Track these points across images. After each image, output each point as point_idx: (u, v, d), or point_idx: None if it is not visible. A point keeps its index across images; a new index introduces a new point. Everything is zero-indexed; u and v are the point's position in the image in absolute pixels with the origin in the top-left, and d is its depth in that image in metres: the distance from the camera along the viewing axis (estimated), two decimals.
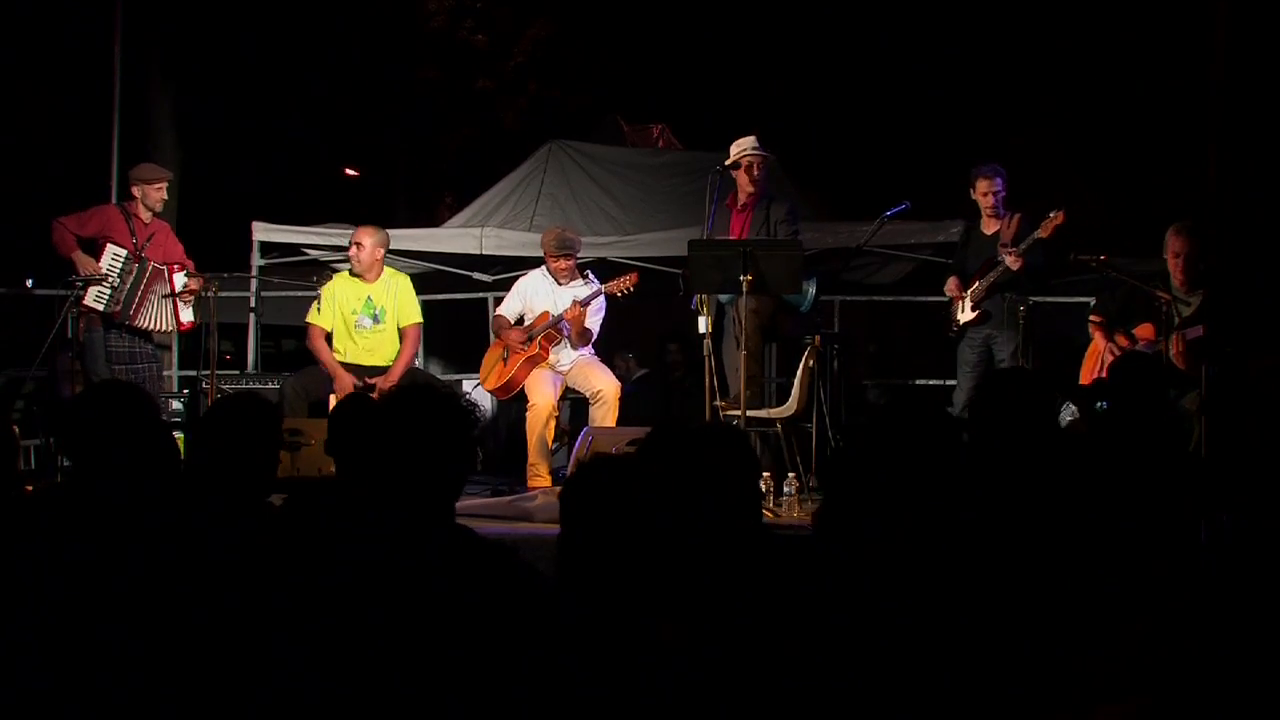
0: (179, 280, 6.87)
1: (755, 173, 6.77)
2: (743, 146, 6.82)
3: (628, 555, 2.22)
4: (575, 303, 6.79)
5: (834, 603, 2.26)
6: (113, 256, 6.76)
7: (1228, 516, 2.61)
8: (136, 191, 6.96)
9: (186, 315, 6.94)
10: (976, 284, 6.72)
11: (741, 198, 6.85)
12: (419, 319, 7.14)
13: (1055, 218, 6.41)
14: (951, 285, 6.84)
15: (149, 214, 6.97)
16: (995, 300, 6.67)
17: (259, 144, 16.12)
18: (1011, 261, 6.48)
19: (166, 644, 2.41)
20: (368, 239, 7.05)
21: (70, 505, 2.76)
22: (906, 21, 14.38)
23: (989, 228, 6.82)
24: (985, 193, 6.78)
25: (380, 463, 2.54)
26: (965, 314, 6.77)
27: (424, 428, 2.53)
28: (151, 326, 6.90)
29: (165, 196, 7.07)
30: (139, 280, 6.78)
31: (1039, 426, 2.76)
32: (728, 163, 6.83)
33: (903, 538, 2.32)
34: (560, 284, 7.03)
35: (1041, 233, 6.44)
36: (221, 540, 2.68)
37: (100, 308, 6.74)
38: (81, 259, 6.72)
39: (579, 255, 7.20)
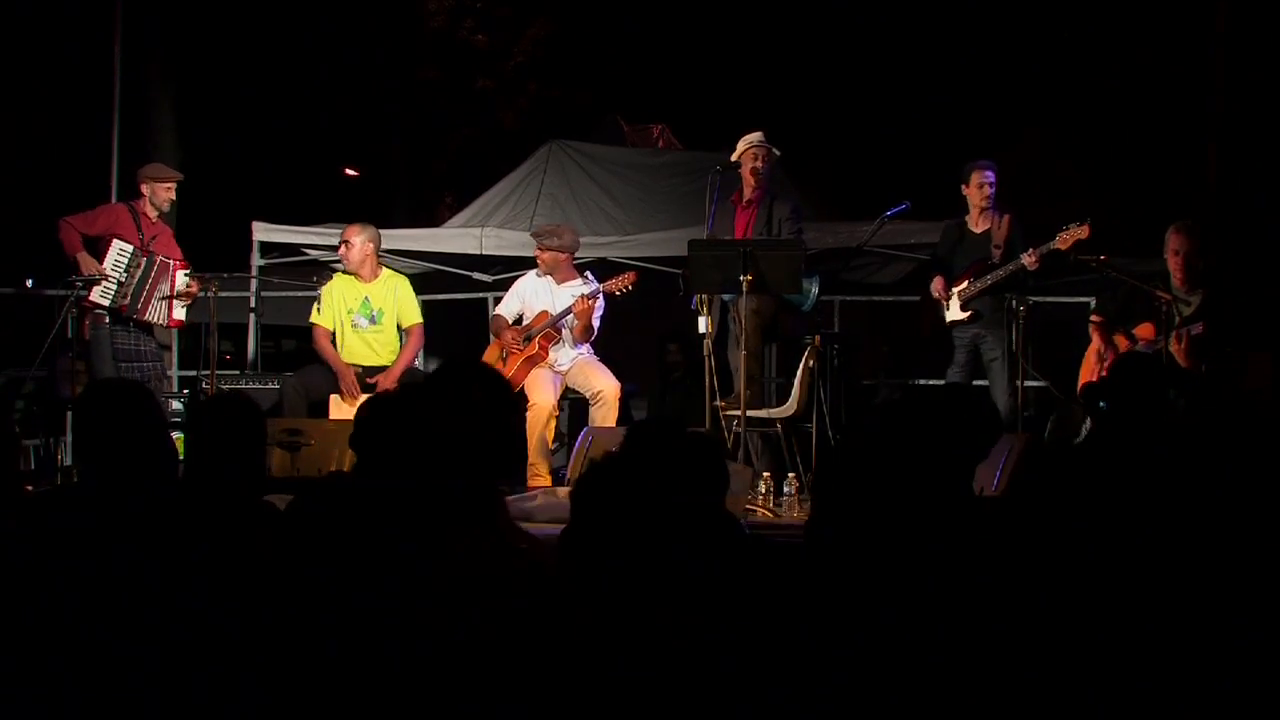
0: (180, 279, 6.89)
1: (759, 164, 6.76)
2: (750, 141, 6.82)
3: (635, 551, 2.22)
4: (583, 296, 6.79)
5: (827, 606, 2.26)
6: (119, 252, 6.76)
7: (1225, 516, 2.61)
8: (145, 189, 6.97)
9: (179, 313, 6.95)
10: (966, 283, 6.70)
11: (747, 193, 6.85)
12: (420, 319, 7.15)
13: (1078, 231, 6.31)
14: (938, 284, 6.80)
15: (155, 213, 6.97)
16: (984, 300, 6.66)
17: (259, 144, 16.11)
18: (1030, 262, 6.45)
19: (167, 645, 2.41)
20: (356, 236, 7.06)
21: (75, 506, 2.76)
22: (906, 21, 14.37)
23: (979, 226, 6.80)
24: (980, 184, 6.75)
25: (417, 451, 2.48)
26: (954, 313, 6.75)
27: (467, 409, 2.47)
28: (153, 320, 6.91)
29: (173, 197, 7.07)
30: (146, 274, 6.79)
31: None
32: (733, 158, 6.83)
33: (897, 541, 2.32)
34: (559, 284, 7.03)
35: (1059, 245, 6.37)
36: (220, 539, 2.68)
37: (106, 303, 6.73)
38: (85, 260, 6.72)
39: (576, 256, 7.20)
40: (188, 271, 6.96)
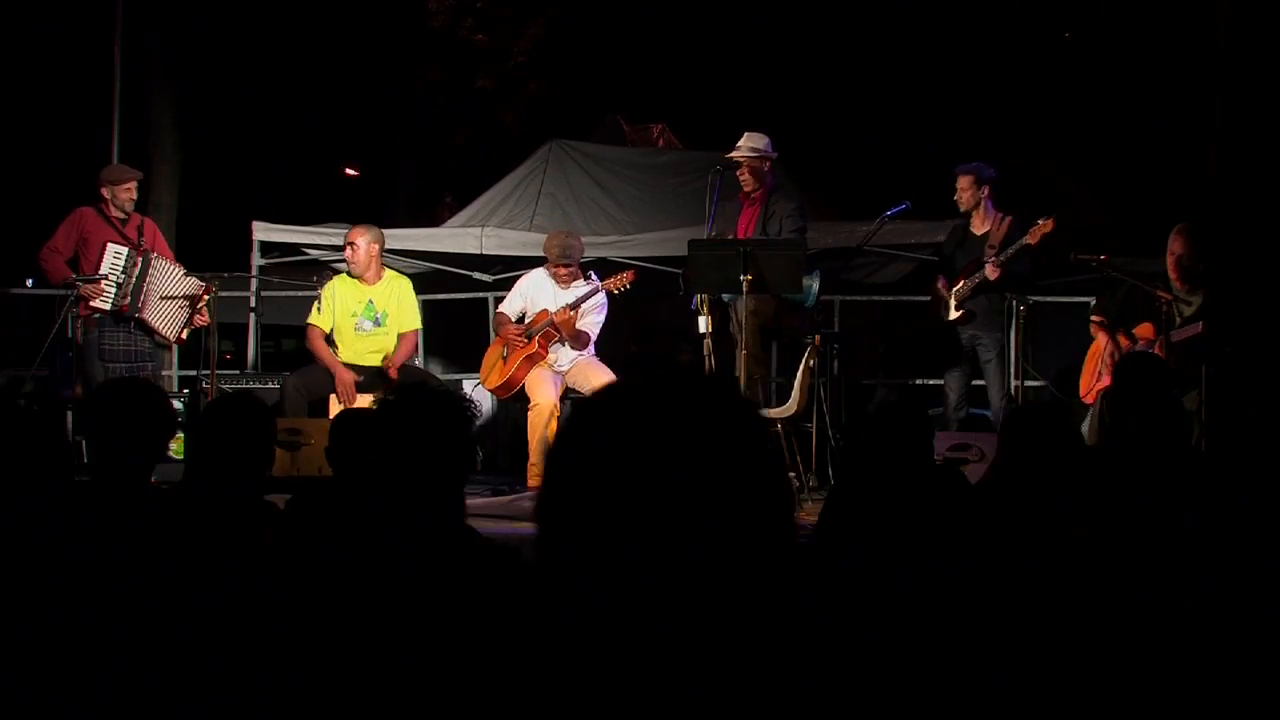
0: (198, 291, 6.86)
1: (745, 175, 6.76)
2: (750, 144, 6.80)
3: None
4: (565, 307, 6.79)
5: (837, 604, 2.25)
6: (114, 255, 6.74)
7: (1226, 512, 2.62)
8: (106, 193, 6.93)
9: (185, 331, 6.93)
10: (961, 283, 6.72)
11: (749, 191, 6.83)
12: (418, 325, 7.14)
13: (1044, 225, 6.38)
14: (941, 284, 6.84)
15: (122, 213, 6.95)
16: (979, 301, 6.67)
17: (259, 144, 16.12)
18: (990, 272, 6.49)
19: (169, 643, 2.41)
20: (361, 239, 7.03)
21: (78, 504, 2.77)
22: (906, 21, 14.38)
23: (979, 227, 6.81)
24: (960, 189, 6.79)
25: (380, 465, 2.54)
26: (951, 313, 6.77)
27: (421, 428, 2.52)
28: (163, 330, 6.88)
29: (134, 196, 7.03)
30: (144, 272, 6.77)
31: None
32: (730, 156, 6.81)
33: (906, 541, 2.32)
34: (562, 282, 7.04)
35: (1029, 239, 6.42)
36: (223, 539, 2.68)
37: (109, 307, 6.72)
38: (79, 279, 6.71)
39: (581, 259, 7.21)
40: (185, 272, 6.95)
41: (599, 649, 2.02)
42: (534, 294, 7.07)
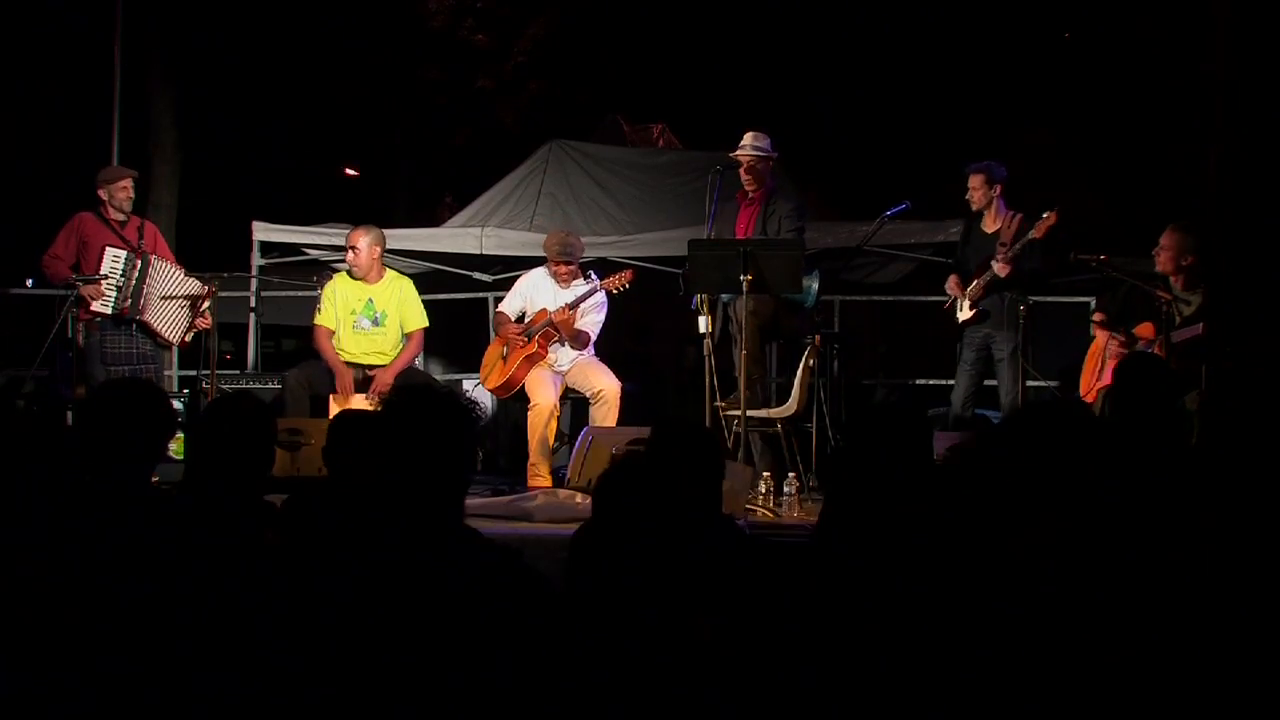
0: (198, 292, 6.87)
1: (748, 175, 6.77)
2: (742, 146, 6.81)
3: (658, 549, 2.22)
4: (564, 306, 6.79)
5: (836, 604, 2.25)
6: (113, 258, 6.73)
7: (1225, 512, 2.61)
8: (103, 194, 6.93)
9: (189, 334, 6.94)
10: (975, 283, 6.70)
11: (748, 191, 6.84)
12: (424, 324, 7.13)
13: (1048, 218, 6.39)
14: (952, 283, 6.83)
15: (121, 214, 6.95)
16: (993, 300, 6.65)
17: (259, 144, 16.12)
18: (999, 269, 6.48)
19: (169, 643, 2.41)
20: (362, 240, 7.01)
21: (82, 500, 2.77)
22: (907, 20, 14.39)
23: (990, 226, 6.80)
24: (972, 188, 6.78)
25: (383, 468, 2.53)
26: (964, 313, 6.75)
27: (426, 430, 2.52)
28: (165, 333, 6.88)
29: (132, 195, 7.02)
30: (144, 274, 6.77)
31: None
32: (733, 155, 6.82)
33: (905, 537, 2.32)
34: (562, 282, 7.04)
35: (1035, 234, 6.42)
36: (223, 539, 2.69)
37: (108, 311, 6.72)
38: (78, 278, 6.73)
39: (581, 258, 7.21)
40: (185, 273, 6.95)
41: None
42: (533, 293, 7.07)
